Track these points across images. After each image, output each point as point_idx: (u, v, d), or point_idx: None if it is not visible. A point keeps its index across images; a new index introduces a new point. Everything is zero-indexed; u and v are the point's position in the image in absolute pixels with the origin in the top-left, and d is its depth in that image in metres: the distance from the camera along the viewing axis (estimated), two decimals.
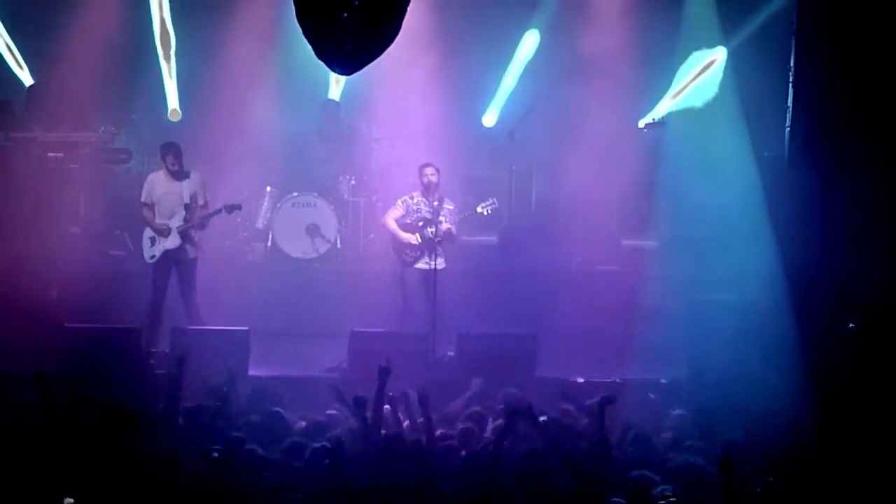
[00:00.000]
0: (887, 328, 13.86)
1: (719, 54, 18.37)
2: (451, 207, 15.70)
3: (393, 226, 15.73)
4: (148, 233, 15.66)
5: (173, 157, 15.59)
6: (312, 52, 9.09)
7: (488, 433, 11.16)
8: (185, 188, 15.59)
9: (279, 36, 17.42)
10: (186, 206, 15.54)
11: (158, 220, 15.54)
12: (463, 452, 10.43)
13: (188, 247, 15.59)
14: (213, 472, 9.62)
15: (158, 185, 15.70)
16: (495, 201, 15.83)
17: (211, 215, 15.68)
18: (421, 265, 15.55)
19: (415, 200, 15.73)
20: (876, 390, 13.01)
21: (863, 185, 14.32)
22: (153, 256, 15.61)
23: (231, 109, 17.88)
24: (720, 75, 18.40)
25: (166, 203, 15.59)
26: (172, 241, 15.52)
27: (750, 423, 11.81)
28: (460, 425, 11.32)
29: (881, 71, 14.31)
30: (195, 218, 15.55)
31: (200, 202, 15.63)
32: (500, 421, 11.24)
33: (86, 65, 17.83)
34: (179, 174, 15.60)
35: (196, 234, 15.65)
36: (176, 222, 15.52)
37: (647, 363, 15.03)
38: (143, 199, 15.75)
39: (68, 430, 10.37)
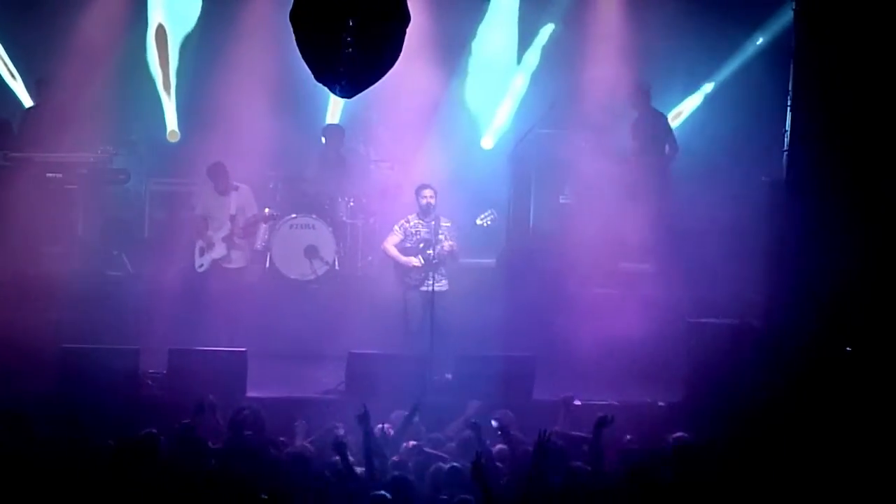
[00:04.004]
0: (885, 351, 13.88)
1: (712, 83, 18.49)
2: (448, 224, 15.67)
3: (394, 251, 15.68)
4: (200, 243, 16.48)
5: (215, 175, 16.53)
6: (311, 74, 9.12)
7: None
8: (233, 201, 16.49)
9: (278, 58, 17.42)
10: (232, 218, 16.39)
11: (209, 233, 16.42)
12: None
13: (234, 254, 16.44)
14: None
15: (209, 198, 16.63)
16: (494, 212, 15.86)
17: (256, 221, 16.59)
18: (425, 287, 15.52)
19: (412, 224, 15.70)
20: (873, 414, 13.02)
21: (861, 209, 14.34)
22: (201, 265, 16.44)
23: (229, 131, 17.84)
24: (716, 101, 18.52)
25: (216, 215, 16.47)
26: (219, 251, 16.37)
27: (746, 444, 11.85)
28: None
29: (879, 95, 14.35)
30: (237, 227, 16.38)
31: (249, 214, 16.53)
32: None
33: (85, 85, 17.84)
34: (226, 190, 16.47)
35: (242, 243, 16.52)
36: (222, 233, 16.36)
37: (645, 386, 15.04)
38: (197, 212, 16.66)
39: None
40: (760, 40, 17.96)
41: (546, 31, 19.03)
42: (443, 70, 18.49)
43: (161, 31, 18.78)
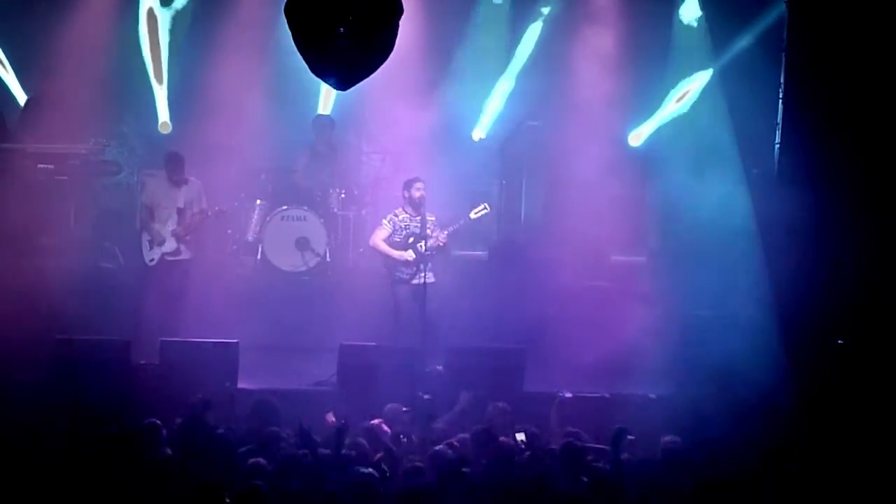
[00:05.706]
0: (875, 343, 13.91)
1: (706, 74, 18.47)
2: (433, 219, 15.66)
3: (384, 246, 15.62)
4: (146, 236, 16.28)
5: (172, 165, 16.30)
6: (303, 66, 9.13)
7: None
8: (182, 194, 16.25)
9: (270, 49, 17.43)
10: (179, 211, 16.18)
11: (156, 225, 16.17)
12: None
13: (182, 247, 16.19)
14: None
15: (158, 189, 16.44)
16: (487, 206, 15.79)
17: (203, 218, 16.28)
18: (416, 281, 15.50)
19: (400, 217, 15.68)
20: (863, 404, 13.05)
21: (851, 201, 14.38)
22: (152, 259, 16.24)
23: (221, 122, 17.79)
24: (707, 94, 18.50)
25: (164, 207, 16.24)
26: (169, 245, 16.16)
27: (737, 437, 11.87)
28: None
29: (870, 88, 14.39)
30: (186, 222, 16.17)
31: (196, 209, 16.26)
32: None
33: (77, 77, 17.78)
34: (178, 182, 16.24)
35: (190, 236, 16.25)
36: (170, 226, 16.14)
37: (636, 378, 15.05)
38: (143, 200, 16.60)
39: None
40: (753, 34, 17.93)
41: (537, 24, 19.00)
42: (435, 61, 18.46)
43: (152, 23, 18.72)
